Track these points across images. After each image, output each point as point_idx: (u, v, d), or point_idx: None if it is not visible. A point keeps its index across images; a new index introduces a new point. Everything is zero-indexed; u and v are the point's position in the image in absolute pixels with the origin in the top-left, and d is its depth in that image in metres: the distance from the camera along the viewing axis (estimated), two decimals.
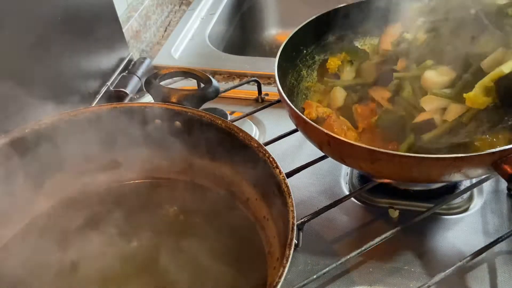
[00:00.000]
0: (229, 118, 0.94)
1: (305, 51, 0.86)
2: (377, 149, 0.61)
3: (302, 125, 0.70)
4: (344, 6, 0.85)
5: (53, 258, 0.66)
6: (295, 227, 0.54)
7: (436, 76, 0.71)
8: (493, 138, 0.65)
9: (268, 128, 0.97)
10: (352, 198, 0.81)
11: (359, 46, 0.88)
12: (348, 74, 0.84)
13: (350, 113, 0.79)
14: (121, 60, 1.08)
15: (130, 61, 1.10)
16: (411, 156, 0.61)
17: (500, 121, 0.65)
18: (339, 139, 0.64)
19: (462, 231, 0.75)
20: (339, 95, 0.81)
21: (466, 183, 0.79)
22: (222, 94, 0.89)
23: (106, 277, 0.64)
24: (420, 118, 0.71)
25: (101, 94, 0.99)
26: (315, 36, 0.86)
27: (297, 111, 0.69)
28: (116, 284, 0.64)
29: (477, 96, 0.65)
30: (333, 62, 0.85)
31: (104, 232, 0.68)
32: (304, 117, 0.69)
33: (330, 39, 0.88)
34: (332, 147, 0.66)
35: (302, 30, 0.82)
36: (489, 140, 0.65)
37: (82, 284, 0.64)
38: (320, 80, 0.86)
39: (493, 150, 0.59)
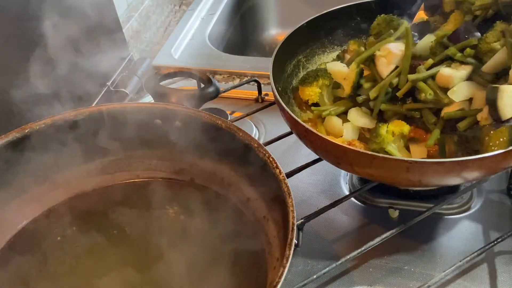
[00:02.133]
0: (229, 118, 0.94)
1: (280, 88, 0.78)
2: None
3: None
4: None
5: (52, 258, 0.66)
6: (295, 227, 0.54)
7: (453, 72, 0.70)
8: None
9: (268, 128, 0.97)
10: (352, 198, 0.81)
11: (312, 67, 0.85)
12: (329, 99, 0.79)
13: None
14: (121, 60, 1.08)
15: (130, 61, 1.10)
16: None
17: None
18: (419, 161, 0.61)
19: (462, 231, 0.75)
20: (348, 126, 0.75)
21: (466, 183, 0.79)
22: (222, 94, 0.89)
23: (105, 277, 0.64)
24: (448, 109, 0.69)
25: (101, 94, 0.99)
26: (281, 66, 0.81)
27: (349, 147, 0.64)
28: (116, 284, 0.64)
29: None
30: (312, 91, 0.79)
31: (104, 232, 0.68)
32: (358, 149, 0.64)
33: (292, 64, 0.84)
34: (411, 172, 0.61)
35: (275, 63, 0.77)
36: None
37: (81, 284, 0.64)
38: (302, 111, 0.81)
39: None
